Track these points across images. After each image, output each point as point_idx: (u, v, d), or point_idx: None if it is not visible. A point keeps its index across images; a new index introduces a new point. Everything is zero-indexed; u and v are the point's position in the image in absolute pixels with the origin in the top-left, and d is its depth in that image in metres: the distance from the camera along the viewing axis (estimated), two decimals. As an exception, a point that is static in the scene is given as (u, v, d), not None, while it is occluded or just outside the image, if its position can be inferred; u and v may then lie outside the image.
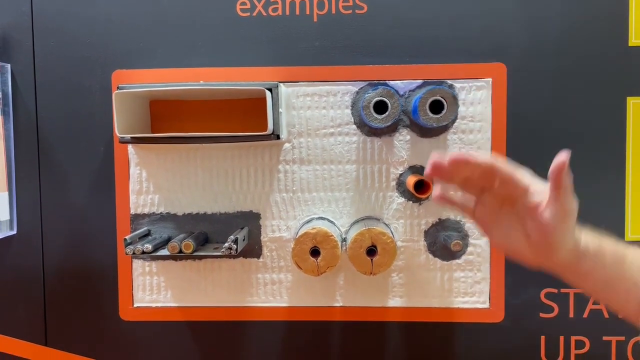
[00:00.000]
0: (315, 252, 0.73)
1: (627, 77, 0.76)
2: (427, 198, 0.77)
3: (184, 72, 0.78)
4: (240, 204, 0.80)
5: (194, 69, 0.78)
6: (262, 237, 0.80)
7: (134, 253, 0.73)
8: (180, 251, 0.73)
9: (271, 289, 0.80)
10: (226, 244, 0.72)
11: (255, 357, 0.81)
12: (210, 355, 0.81)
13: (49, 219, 0.81)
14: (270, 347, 0.81)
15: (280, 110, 0.73)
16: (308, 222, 0.78)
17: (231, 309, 0.80)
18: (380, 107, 0.73)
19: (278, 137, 0.73)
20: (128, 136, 0.73)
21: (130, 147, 0.79)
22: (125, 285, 0.81)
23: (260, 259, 0.80)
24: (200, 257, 0.80)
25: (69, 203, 0.80)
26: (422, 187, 0.73)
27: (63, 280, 0.81)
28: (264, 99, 0.72)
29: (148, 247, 0.73)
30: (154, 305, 0.81)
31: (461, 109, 0.76)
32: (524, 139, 0.77)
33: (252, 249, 0.80)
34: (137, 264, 0.81)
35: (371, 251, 0.72)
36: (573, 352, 0.78)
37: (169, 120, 0.80)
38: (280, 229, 0.80)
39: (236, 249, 0.72)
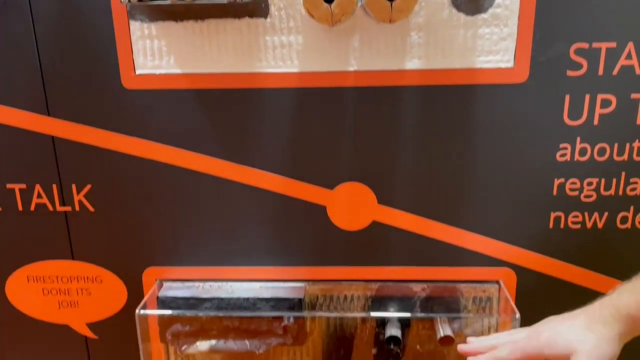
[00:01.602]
0: (328, -2, 0.66)
1: None
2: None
3: None
4: (243, -46, 0.71)
5: None
6: (268, -5, 0.73)
7: (129, 1, 0.66)
8: (180, -3, 0.66)
9: (280, 52, 0.75)
10: (230, -11, 0.65)
11: (265, 126, 0.78)
12: (217, 124, 0.78)
13: (33, -24, 0.73)
14: (280, 116, 0.77)
15: None
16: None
17: (238, 75, 0.76)
18: None
19: None
20: None
21: None
22: (125, 51, 0.75)
23: (268, 19, 0.74)
24: (202, 17, 0.73)
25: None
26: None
27: (58, 46, 0.75)
28: None
29: (144, -6, 0.66)
30: (157, 72, 0.76)
31: None
32: None
33: (258, 7, 0.73)
34: (135, 27, 0.75)
35: (391, -5, 0.66)
36: (597, 111, 0.74)
37: None
38: (289, -17, 0.72)
39: (241, -4, 0.65)
